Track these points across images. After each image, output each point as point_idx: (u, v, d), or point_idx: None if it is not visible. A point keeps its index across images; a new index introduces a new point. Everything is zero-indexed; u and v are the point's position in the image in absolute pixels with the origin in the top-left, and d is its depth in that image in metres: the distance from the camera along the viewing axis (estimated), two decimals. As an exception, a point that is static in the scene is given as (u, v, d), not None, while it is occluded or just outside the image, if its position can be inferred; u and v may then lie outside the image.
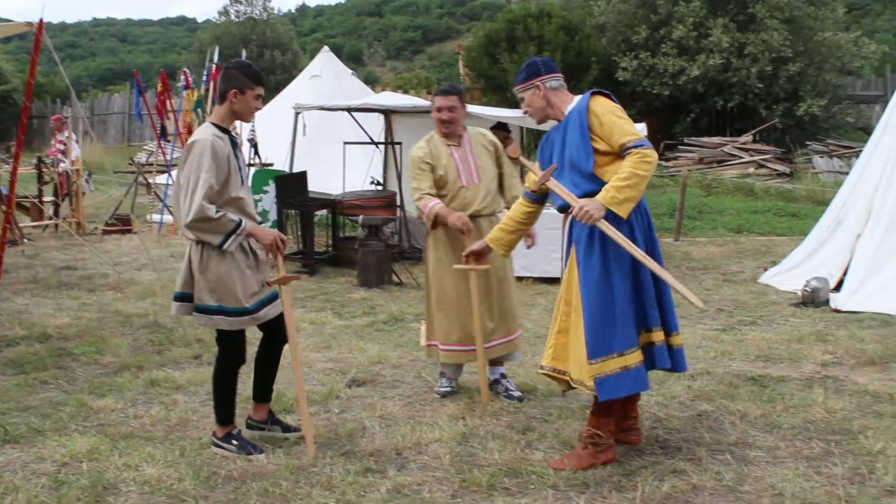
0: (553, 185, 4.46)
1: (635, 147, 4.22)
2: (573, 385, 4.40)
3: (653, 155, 4.23)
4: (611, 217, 4.19)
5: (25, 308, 8.13)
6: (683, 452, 4.55)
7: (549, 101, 4.53)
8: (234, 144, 4.52)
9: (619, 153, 4.27)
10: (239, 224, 4.35)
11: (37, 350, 6.63)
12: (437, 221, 5.45)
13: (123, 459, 4.44)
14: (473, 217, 5.47)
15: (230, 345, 4.57)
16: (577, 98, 4.50)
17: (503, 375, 5.70)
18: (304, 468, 4.36)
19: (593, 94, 4.41)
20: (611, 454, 4.42)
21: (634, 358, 4.24)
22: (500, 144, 5.76)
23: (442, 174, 5.51)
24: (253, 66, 4.62)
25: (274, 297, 4.63)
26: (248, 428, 4.79)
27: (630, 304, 4.27)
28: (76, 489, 4.09)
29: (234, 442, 4.56)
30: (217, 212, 4.29)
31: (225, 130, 4.50)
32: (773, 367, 6.19)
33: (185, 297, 4.54)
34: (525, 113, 4.64)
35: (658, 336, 4.32)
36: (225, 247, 4.34)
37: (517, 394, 5.57)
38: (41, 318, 7.69)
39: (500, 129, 11.07)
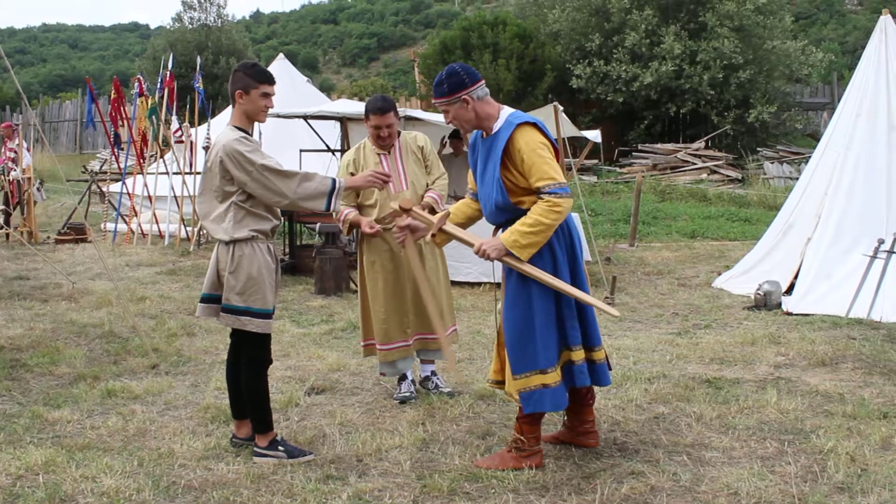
0: (450, 229, 4.53)
1: (549, 193, 4.14)
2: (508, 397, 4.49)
3: (563, 204, 4.14)
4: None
5: (-24, 319, 7.98)
6: (641, 454, 4.62)
7: (478, 113, 4.33)
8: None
9: (535, 194, 4.20)
10: (335, 182, 4.47)
11: (-11, 361, 6.52)
12: (352, 227, 5.61)
13: (81, 471, 4.39)
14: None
15: (258, 347, 4.57)
16: (503, 113, 4.35)
17: (433, 373, 5.86)
18: (264, 476, 4.34)
19: (521, 124, 4.24)
20: (537, 460, 4.46)
21: (553, 377, 4.31)
22: (429, 149, 5.78)
23: None
24: (258, 65, 4.61)
25: None
26: (232, 445, 4.75)
27: (550, 322, 4.31)
28: (33, 502, 4.04)
29: (282, 448, 4.55)
30: (300, 172, 4.43)
31: (244, 131, 4.51)
32: (727, 369, 6.30)
33: (211, 299, 4.56)
34: (450, 124, 4.46)
35: (578, 355, 4.37)
36: (332, 209, 4.47)
37: (447, 389, 5.74)
38: (-7, 329, 7.56)
39: (456, 138, 11.12)
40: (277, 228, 4.71)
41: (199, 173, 12.76)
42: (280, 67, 17.42)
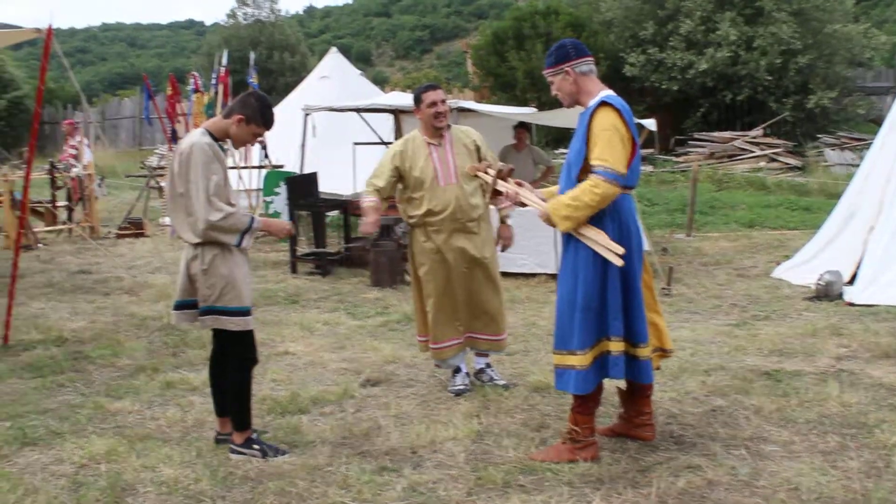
0: (523, 195, 4.71)
1: (595, 173, 4.18)
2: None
3: (603, 187, 4.15)
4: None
5: (41, 312, 8.18)
6: (698, 448, 4.56)
7: (579, 87, 4.45)
8: (224, 152, 4.58)
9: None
10: (252, 220, 4.42)
11: (53, 354, 6.68)
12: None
13: (141, 461, 4.47)
14: (454, 216, 5.52)
15: (241, 345, 4.59)
16: (599, 94, 4.43)
17: (488, 365, 5.85)
18: (319, 468, 4.38)
19: (603, 103, 4.31)
20: (592, 452, 4.44)
21: (583, 360, 4.30)
22: (484, 146, 5.74)
23: (418, 175, 5.55)
24: (271, 109, 4.62)
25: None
26: (216, 442, 4.75)
27: (591, 309, 4.30)
28: (95, 490, 4.13)
29: (256, 446, 4.56)
30: (229, 211, 4.33)
31: (215, 139, 4.50)
32: (787, 361, 6.19)
33: (185, 305, 4.58)
34: (554, 95, 4.58)
35: (616, 346, 4.32)
36: (242, 245, 4.39)
37: (502, 381, 5.73)
38: (57, 321, 7.74)
39: (523, 128, 11.11)
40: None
41: (254, 167, 12.93)
42: (333, 61, 17.50)
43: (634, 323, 4.36)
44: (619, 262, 4.19)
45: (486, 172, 5.17)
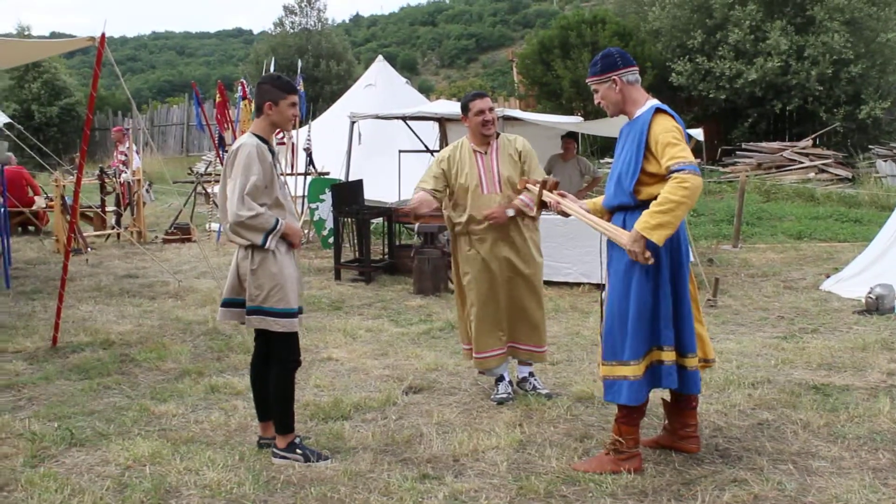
0: (565, 204, 4.71)
1: (677, 171, 4.09)
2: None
3: (692, 180, 4.06)
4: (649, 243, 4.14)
5: (89, 315, 8.31)
6: (744, 462, 4.48)
7: (625, 97, 4.42)
8: (273, 154, 4.62)
9: (665, 175, 4.17)
10: (277, 221, 4.45)
11: (101, 356, 6.78)
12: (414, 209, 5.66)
13: (185, 463, 4.51)
14: (496, 225, 5.52)
15: (285, 348, 4.61)
16: (647, 102, 4.40)
17: (531, 374, 5.82)
18: (361, 474, 4.38)
19: (658, 110, 4.30)
20: (636, 463, 4.39)
21: (635, 370, 4.25)
22: (528, 152, 5.68)
23: (462, 182, 5.56)
24: (282, 77, 4.68)
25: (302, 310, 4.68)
26: (259, 447, 4.77)
27: (644, 318, 4.25)
28: (140, 492, 4.17)
29: (299, 451, 4.57)
30: (258, 211, 4.37)
31: (265, 141, 4.58)
32: (836, 375, 6.07)
33: (232, 304, 4.62)
34: (598, 104, 4.55)
35: (669, 356, 4.28)
36: (267, 245, 4.42)
37: (545, 391, 5.69)
38: (104, 324, 7.86)
39: (571, 138, 11.09)
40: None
41: (300, 174, 13.03)
42: (379, 69, 17.62)
43: (684, 332, 4.31)
44: (650, 260, 4.15)
45: (534, 185, 5.15)
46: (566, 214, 4.81)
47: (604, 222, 4.47)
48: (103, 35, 6.75)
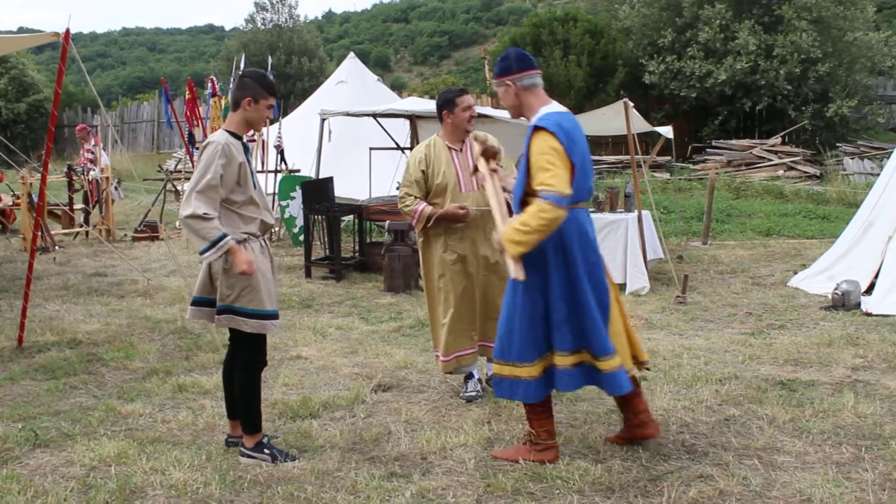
0: (489, 190, 4.69)
1: (540, 198, 4.12)
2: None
3: (551, 213, 4.07)
4: None
5: (56, 314, 8.22)
6: (710, 457, 4.52)
7: (521, 101, 4.42)
8: (247, 150, 4.59)
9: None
10: (224, 236, 4.31)
11: (67, 355, 6.71)
12: (431, 219, 5.50)
13: (151, 463, 4.48)
14: (475, 223, 5.54)
15: (253, 348, 4.57)
16: (543, 109, 4.36)
17: None
18: (329, 473, 4.37)
19: (537, 129, 4.24)
20: (551, 454, 4.46)
21: (530, 371, 4.33)
22: (500, 151, 5.68)
23: (439, 181, 5.54)
24: (267, 77, 4.65)
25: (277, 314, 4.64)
26: (226, 445, 4.75)
27: (534, 322, 4.31)
28: (104, 493, 4.13)
29: (267, 451, 4.55)
30: (209, 214, 4.27)
31: (238, 137, 4.55)
32: (802, 371, 6.13)
33: (202, 302, 4.58)
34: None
35: (563, 360, 4.32)
36: (204, 256, 4.33)
37: None
38: (72, 323, 7.78)
39: None
40: (271, 227, 4.74)
41: (271, 172, 12.97)
42: (350, 66, 17.58)
43: (590, 335, 4.30)
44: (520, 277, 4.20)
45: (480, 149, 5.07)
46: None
47: (500, 214, 4.48)
48: (68, 31, 6.67)
